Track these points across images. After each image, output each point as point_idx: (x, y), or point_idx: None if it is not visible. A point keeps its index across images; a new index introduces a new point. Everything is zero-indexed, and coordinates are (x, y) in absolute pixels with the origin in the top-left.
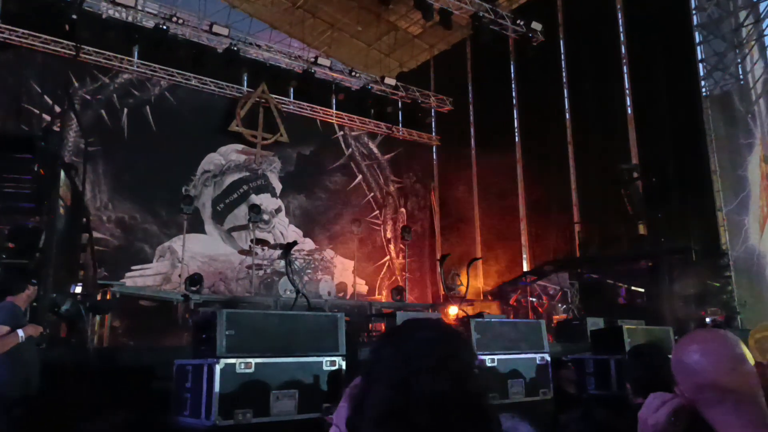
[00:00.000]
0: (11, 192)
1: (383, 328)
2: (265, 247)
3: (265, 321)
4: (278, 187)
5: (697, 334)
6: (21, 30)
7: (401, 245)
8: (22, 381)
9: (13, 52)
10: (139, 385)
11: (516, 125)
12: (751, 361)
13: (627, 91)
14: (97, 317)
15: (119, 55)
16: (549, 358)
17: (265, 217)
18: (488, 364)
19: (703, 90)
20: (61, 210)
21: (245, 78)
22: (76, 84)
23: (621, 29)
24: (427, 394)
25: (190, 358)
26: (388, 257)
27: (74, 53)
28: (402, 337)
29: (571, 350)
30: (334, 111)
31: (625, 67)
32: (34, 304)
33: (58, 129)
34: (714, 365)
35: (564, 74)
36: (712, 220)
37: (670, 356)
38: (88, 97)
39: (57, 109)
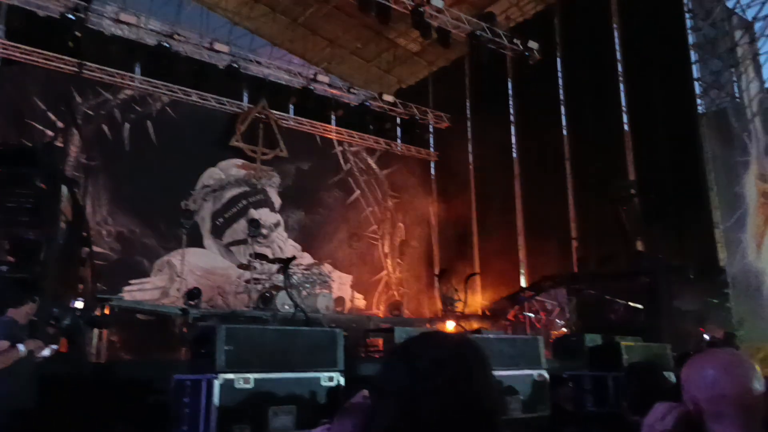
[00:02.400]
0: (12, 206)
1: (380, 343)
2: (264, 262)
3: (264, 336)
4: (277, 201)
5: (719, 351)
6: (25, 46)
7: (398, 260)
8: (19, 396)
9: (17, 67)
10: (137, 399)
11: (513, 142)
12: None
13: (623, 109)
14: (95, 331)
15: (121, 71)
16: (546, 375)
17: (264, 231)
18: None
19: (699, 108)
20: (62, 224)
21: (245, 94)
22: (79, 99)
23: (617, 48)
24: (434, 414)
25: (188, 373)
26: (385, 272)
27: (77, 69)
28: (413, 354)
29: (569, 367)
30: (333, 127)
31: (621, 85)
32: (34, 318)
33: (60, 144)
34: (735, 381)
35: (561, 92)
36: (709, 237)
37: (666, 374)
38: (90, 112)
39: (59, 124)
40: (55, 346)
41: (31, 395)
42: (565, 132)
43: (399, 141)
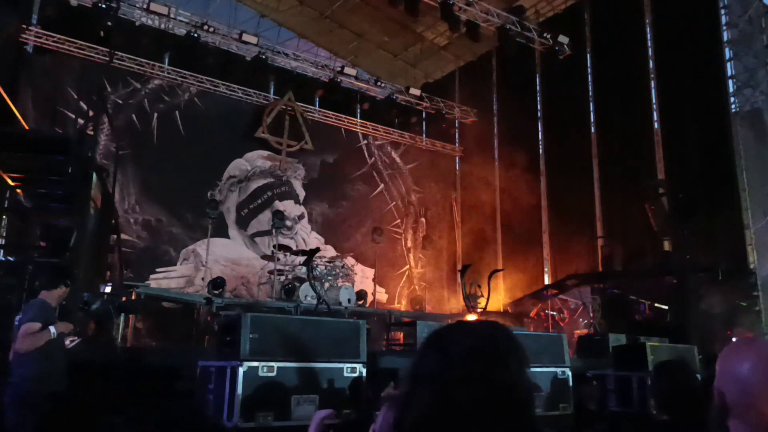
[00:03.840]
0: (44, 192)
1: (402, 337)
2: (288, 253)
3: (288, 326)
4: (302, 194)
5: (758, 342)
6: (58, 35)
7: (421, 255)
8: (51, 377)
9: (50, 56)
10: (163, 384)
11: (540, 138)
12: None
13: (654, 106)
14: (122, 317)
15: (151, 62)
16: (570, 373)
17: (288, 223)
18: None
19: (733, 106)
20: (92, 211)
21: (272, 86)
22: (109, 89)
23: (649, 44)
24: (468, 402)
25: (213, 360)
26: (408, 266)
27: (108, 59)
28: (447, 340)
29: (593, 366)
30: (359, 120)
31: (652, 82)
32: (64, 302)
33: (91, 132)
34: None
35: (590, 88)
36: (739, 238)
37: (697, 375)
38: (120, 102)
39: (90, 113)
40: (78, 340)
41: (63, 377)
42: (593, 129)
43: (424, 136)
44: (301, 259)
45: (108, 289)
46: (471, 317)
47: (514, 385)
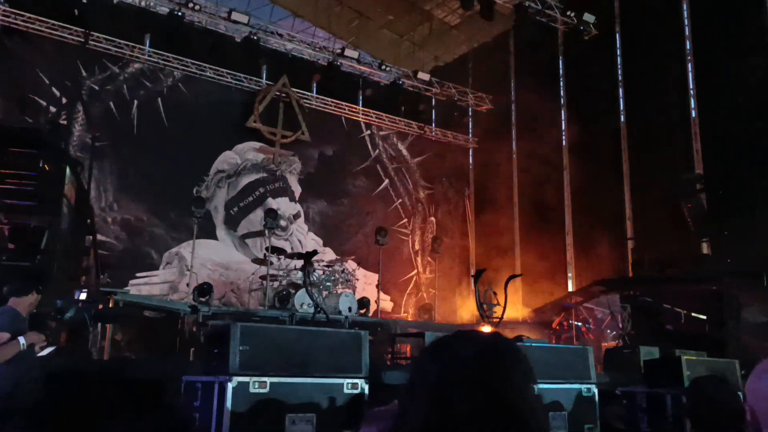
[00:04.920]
0: (13, 189)
1: (408, 350)
2: (282, 257)
3: (282, 337)
4: (297, 190)
5: None
6: (27, 14)
7: (430, 258)
8: (24, 392)
9: (20, 37)
10: (144, 400)
11: (563, 128)
12: None
13: (692, 92)
14: (98, 327)
15: (130, 43)
16: (596, 390)
17: (283, 223)
18: None
19: None
20: (65, 209)
21: (265, 70)
22: (84, 73)
23: (686, 21)
24: (466, 412)
25: (199, 374)
26: (415, 271)
27: (83, 40)
28: (446, 349)
29: (622, 382)
30: (361, 108)
31: (689, 65)
32: (35, 310)
33: (64, 122)
34: None
35: (620, 72)
36: None
37: (738, 392)
38: (96, 88)
39: (64, 100)
40: (52, 348)
41: (33, 392)
42: (623, 117)
43: (434, 125)
44: (297, 263)
45: (83, 296)
46: (486, 328)
47: (517, 400)
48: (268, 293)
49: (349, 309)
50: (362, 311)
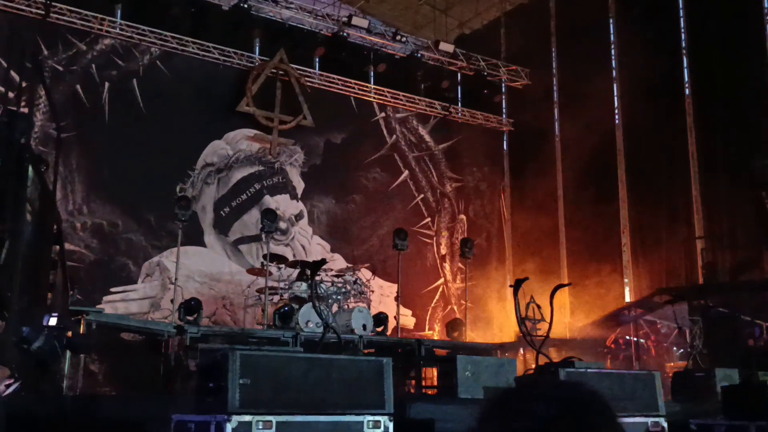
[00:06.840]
0: None
1: (435, 375)
2: (282, 265)
3: (290, 367)
4: (300, 185)
5: None
6: None
7: (460, 264)
8: None
9: None
10: None
11: (616, 105)
12: None
13: None
14: (68, 357)
15: (99, 15)
16: (665, 424)
17: (282, 225)
18: None
19: None
20: (27, 216)
21: (258, 44)
22: (46, 52)
23: None
24: None
25: (191, 413)
26: (442, 280)
27: (44, 12)
28: (513, 410)
29: (695, 413)
30: (373, 86)
31: None
32: None
33: (24, 110)
34: None
35: (683, 36)
36: None
37: None
38: (60, 69)
39: (23, 84)
40: (16, 383)
41: None
42: (687, 91)
43: (460, 105)
44: (301, 273)
45: (53, 321)
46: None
47: None
48: (267, 309)
49: (364, 327)
50: (379, 329)
